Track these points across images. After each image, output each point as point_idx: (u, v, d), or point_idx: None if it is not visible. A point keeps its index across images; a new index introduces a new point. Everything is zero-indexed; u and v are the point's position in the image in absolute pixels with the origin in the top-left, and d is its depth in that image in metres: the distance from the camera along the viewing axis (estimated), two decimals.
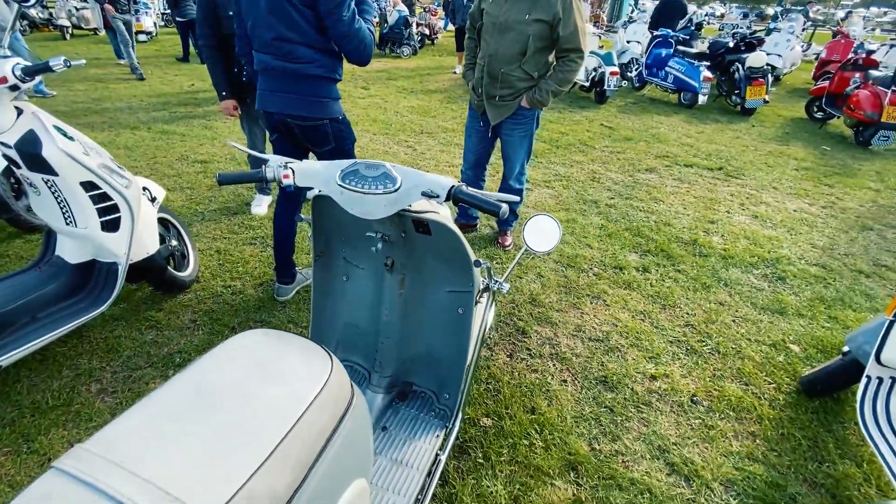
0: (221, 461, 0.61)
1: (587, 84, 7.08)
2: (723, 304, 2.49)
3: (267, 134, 2.46)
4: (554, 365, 2.03)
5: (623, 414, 1.80)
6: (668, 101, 7.35)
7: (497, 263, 2.76)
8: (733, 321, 2.36)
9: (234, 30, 1.99)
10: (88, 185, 1.71)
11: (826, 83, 6.31)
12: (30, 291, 1.78)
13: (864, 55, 6.15)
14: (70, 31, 11.04)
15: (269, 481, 0.62)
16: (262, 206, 3.16)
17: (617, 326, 2.27)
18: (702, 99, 6.60)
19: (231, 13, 2.23)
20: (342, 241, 1.43)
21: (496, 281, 1.35)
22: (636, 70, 7.93)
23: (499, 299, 2.41)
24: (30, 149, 1.57)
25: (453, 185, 1.03)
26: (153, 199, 2.15)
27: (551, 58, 2.34)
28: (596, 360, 2.06)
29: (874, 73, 5.76)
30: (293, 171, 1.11)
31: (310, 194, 1.22)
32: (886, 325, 1.43)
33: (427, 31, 12.15)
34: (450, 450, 1.38)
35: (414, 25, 11.05)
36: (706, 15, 9.49)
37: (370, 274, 1.45)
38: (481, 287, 1.33)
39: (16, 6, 1.51)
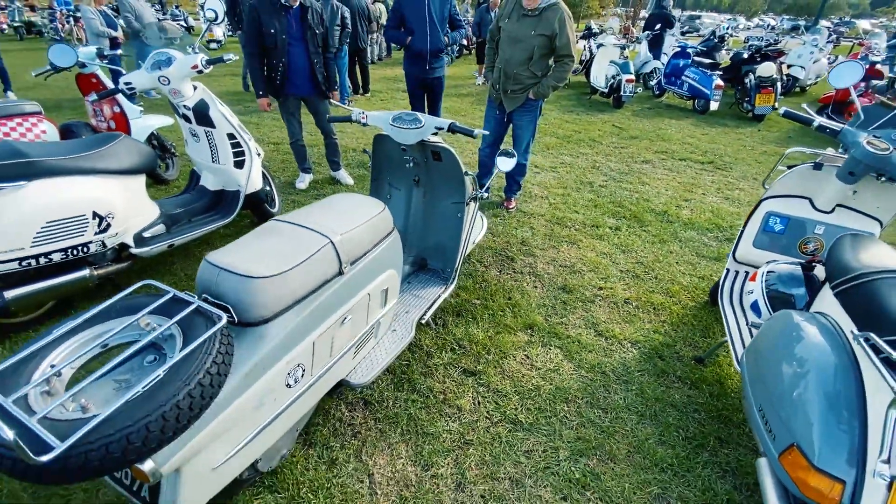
0: (317, 232, 1.50)
1: (606, 90, 7.80)
2: (672, 252, 3.21)
3: (301, 123, 3.65)
4: (530, 278, 2.84)
5: (572, 305, 2.59)
6: (684, 107, 7.93)
7: (500, 220, 3.59)
8: (676, 263, 3.09)
9: (272, 43, 3.09)
10: (230, 136, 2.70)
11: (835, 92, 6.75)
12: (187, 205, 2.78)
13: (868, 66, 6.56)
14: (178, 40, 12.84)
15: (349, 245, 1.49)
16: (304, 182, 4.07)
17: (583, 260, 3.05)
18: (713, 105, 7.17)
19: (272, 30, 3.10)
20: (389, 170, 2.32)
21: (479, 191, 2.20)
22: (656, 79, 8.56)
23: (498, 238, 3.24)
24: (201, 109, 2.57)
25: (451, 122, 1.90)
26: (259, 154, 3.13)
27: (551, 62, 3.12)
28: (561, 277, 2.85)
29: (876, 82, 6.20)
30: (367, 116, 2.01)
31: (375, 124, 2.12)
32: (739, 232, 2.16)
33: (465, 42, 13.14)
34: (446, 296, 2.23)
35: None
36: (728, 27, 9.93)
37: (404, 192, 2.34)
38: (470, 195, 2.18)
39: (207, 23, 2.52)
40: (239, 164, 2.78)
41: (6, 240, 1.87)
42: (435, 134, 2.00)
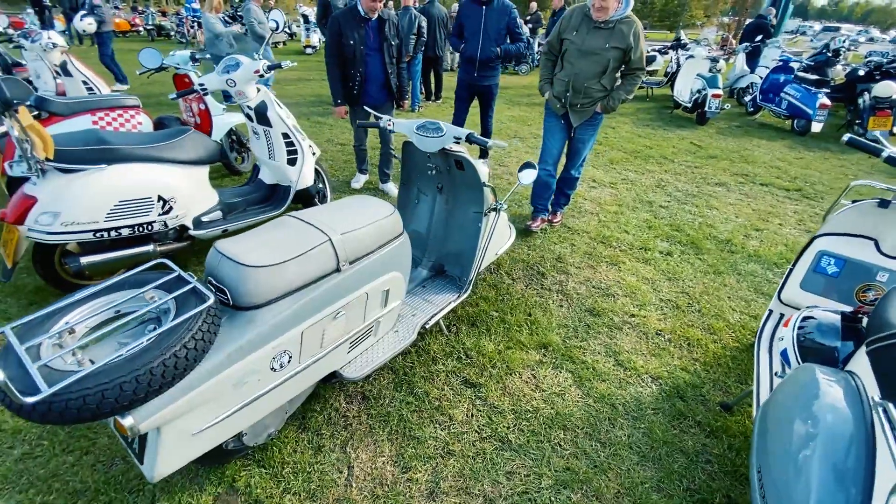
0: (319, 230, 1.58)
1: (689, 105, 7.26)
2: (726, 286, 2.92)
3: (367, 131, 3.91)
4: (558, 296, 2.74)
5: (596, 330, 2.46)
6: (781, 127, 7.15)
7: (541, 233, 3.50)
8: (728, 297, 2.80)
9: (351, 53, 3.25)
10: (284, 136, 2.93)
11: None
12: (244, 195, 3.07)
13: None
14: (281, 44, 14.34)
15: (349, 244, 1.56)
16: (360, 182, 4.26)
17: (620, 283, 2.88)
18: (816, 126, 6.37)
19: (351, 42, 3.24)
20: (417, 176, 2.38)
21: (499, 203, 2.18)
22: (751, 95, 7.80)
23: (533, 251, 3.17)
24: (261, 110, 2.82)
25: (469, 133, 1.91)
26: (314, 154, 3.36)
27: (618, 74, 2.99)
28: (591, 299, 2.72)
29: None
30: (393, 123, 2.09)
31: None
32: (787, 271, 1.91)
33: None
34: (456, 304, 2.24)
35: (536, 45, 11.95)
36: (844, 41, 8.73)
37: (430, 199, 2.38)
38: (489, 206, 2.17)
39: (270, 32, 2.78)
40: (291, 162, 3.01)
41: (85, 213, 2.21)
42: (457, 143, 2.02)
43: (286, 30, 15.72)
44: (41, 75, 4.80)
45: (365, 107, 2.95)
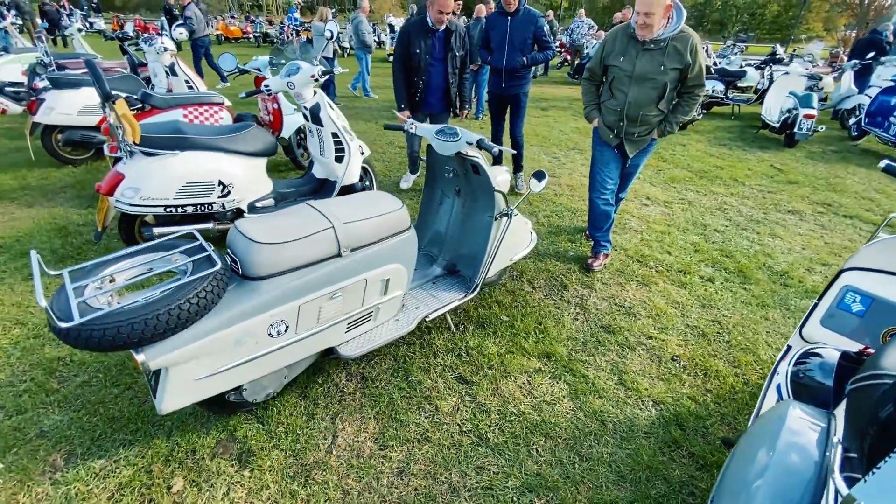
0: (320, 219, 1.75)
1: (777, 125, 6.64)
2: (767, 320, 2.69)
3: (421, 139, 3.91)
4: (575, 309, 2.71)
5: (606, 347, 2.40)
6: (890, 154, 6.29)
7: (573, 245, 3.45)
8: (766, 332, 2.58)
9: (416, 62, 3.42)
10: (333, 135, 3.20)
11: None
12: (296, 187, 3.39)
13: None
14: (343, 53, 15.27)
15: (351, 233, 1.71)
16: (409, 182, 4.44)
17: (646, 304, 2.77)
18: None
19: (417, 50, 3.43)
20: (440, 178, 2.50)
21: (510, 208, 2.23)
22: (857, 117, 6.95)
23: (560, 262, 3.15)
24: (315, 111, 3.12)
25: (480, 138, 1.99)
26: (363, 153, 3.62)
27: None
28: (611, 316, 2.65)
29: None
30: (416, 126, 2.23)
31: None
32: (812, 304, 1.75)
33: None
34: (461, 303, 2.32)
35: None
36: None
37: (450, 201, 2.49)
38: (500, 211, 2.23)
39: (326, 40, 3.07)
40: (339, 159, 3.28)
41: (159, 191, 2.61)
42: (471, 146, 2.11)
43: (377, 38, 16.69)
44: (157, 74, 5.62)
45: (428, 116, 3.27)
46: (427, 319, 2.17)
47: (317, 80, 3.01)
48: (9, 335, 2.28)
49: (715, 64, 9.28)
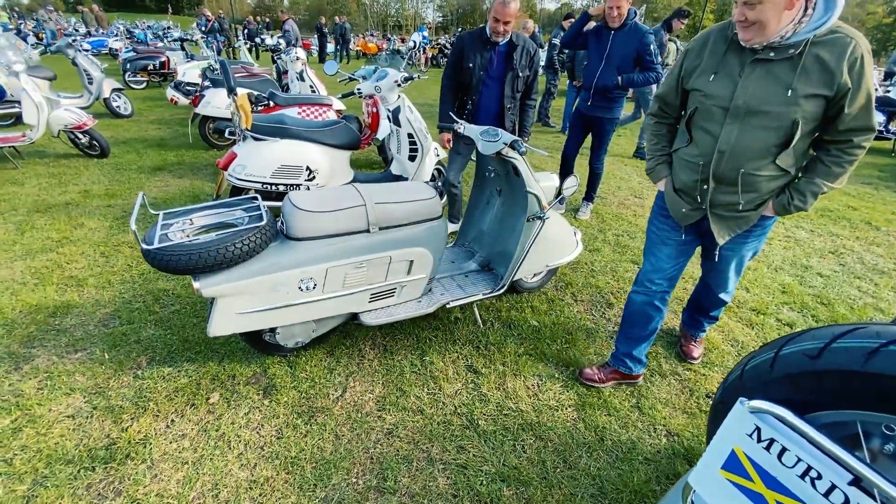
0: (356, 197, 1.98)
1: None
2: None
3: (463, 168, 3.26)
4: (614, 328, 2.60)
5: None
6: None
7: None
8: None
9: (468, 78, 2.91)
10: (409, 136, 3.52)
11: None
12: (373, 180, 3.78)
13: None
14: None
15: (380, 213, 1.93)
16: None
17: None
18: None
19: (470, 65, 2.88)
20: (488, 177, 2.63)
21: (543, 212, 2.26)
22: None
23: (614, 280, 3.03)
24: (395, 113, 3.46)
25: (514, 139, 2.09)
26: (438, 155, 3.88)
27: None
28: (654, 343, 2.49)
29: None
30: (464, 127, 2.40)
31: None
32: None
33: None
34: (484, 298, 2.40)
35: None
36: None
37: (493, 201, 2.60)
38: (533, 213, 2.27)
39: (409, 50, 3.39)
40: (411, 158, 3.58)
41: (259, 169, 3.15)
42: (511, 148, 2.20)
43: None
44: (293, 80, 6.63)
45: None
46: (448, 306, 2.30)
47: (399, 85, 3.35)
48: (137, 268, 2.95)
49: (875, 90, 7.85)
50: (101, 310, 2.53)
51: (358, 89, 3.50)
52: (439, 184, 4.02)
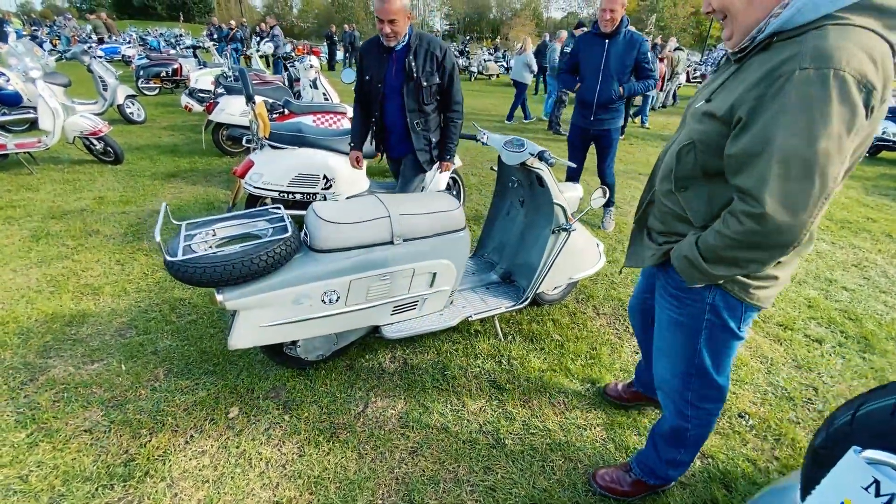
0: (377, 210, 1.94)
1: None
2: None
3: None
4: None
5: None
6: None
7: None
8: None
9: (368, 93, 2.52)
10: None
11: None
12: (389, 188, 3.73)
13: None
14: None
15: (405, 225, 1.89)
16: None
17: None
18: None
19: (367, 76, 2.48)
20: (510, 188, 2.58)
21: (569, 224, 2.21)
22: None
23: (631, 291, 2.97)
24: None
25: (541, 150, 2.04)
26: (455, 164, 3.84)
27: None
28: None
29: None
30: (487, 137, 2.36)
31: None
32: None
33: None
34: (506, 311, 2.35)
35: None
36: None
37: (515, 212, 2.56)
38: (559, 225, 2.22)
39: None
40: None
41: (277, 178, 3.12)
42: (539, 159, 2.16)
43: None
44: (306, 87, 6.64)
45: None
46: (470, 320, 2.25)
47: None
48: (153, 276, 2.92)
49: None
50: (117, 319, 2.50)
51: None
52: (454, 192, 3.99)
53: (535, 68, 8.60)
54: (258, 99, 3.04)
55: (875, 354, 2.53)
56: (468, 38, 33.46)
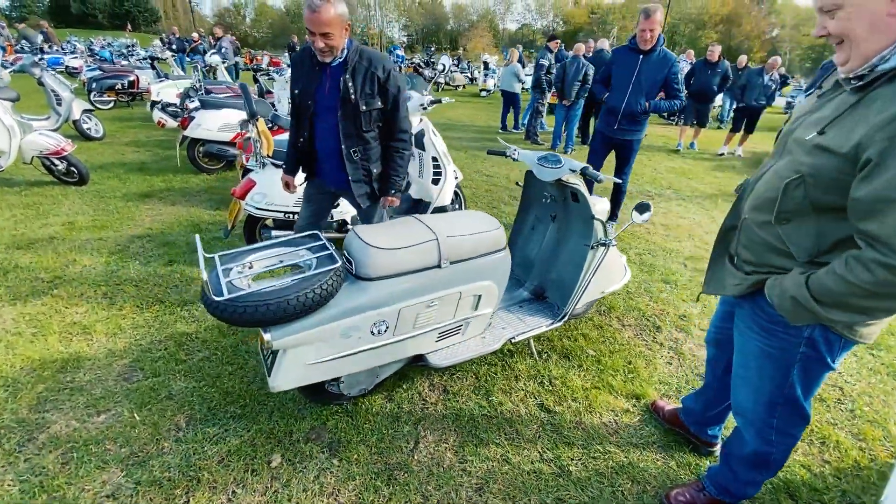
0: (417, 234, 1.85)
1: None
2: None
3: (320, 218, 2.45)
4: (669, 353, 2.55)
5: None
6: None
7: (668, 287, 3.27)
8: None
9: (298, 111, 2.14)
10: (433, 159, 3.41)
11: None
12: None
13: None
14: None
15: (452, 247, 1.80)
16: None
17: None
18: None
19: (296, 91, 2.11)
20: (536, 204, 2.55)
21: (608, 239, 2.20)
22: None
23: (654, 303, 3.00)
24: (420, 137, 3.35)
25: (584, 166, 2.02)
26: (456, 178, 3.79)
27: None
28: None
29: None
30: (518, 153, 2.32)
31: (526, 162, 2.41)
32: None
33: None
34: (548, 330, 2.30)
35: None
36: None
37: (543, 227, 2.52)
38: (597, 240, 2.21)
39: (438, 72, 3.31)
40: (435, 181, 3.47)
41: (282, 198, 2.94)
42: (574, 173, 2.14)
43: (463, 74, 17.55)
44: (281, 100, 6.40)
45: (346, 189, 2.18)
46: (512, 342, 2.18)
47: (425, 109, 3.25)
48: (150, 309, 2.67)
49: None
50: (117, 361, 2.25)
51: None
52: (456, 206, 3.92)
53: (524, 79, 8.70)
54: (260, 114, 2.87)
55: (882, 350, 2.66)
56: (433, 48, 33.66)
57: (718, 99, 9.62)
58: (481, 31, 56.17)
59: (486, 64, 16.31)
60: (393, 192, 2.27)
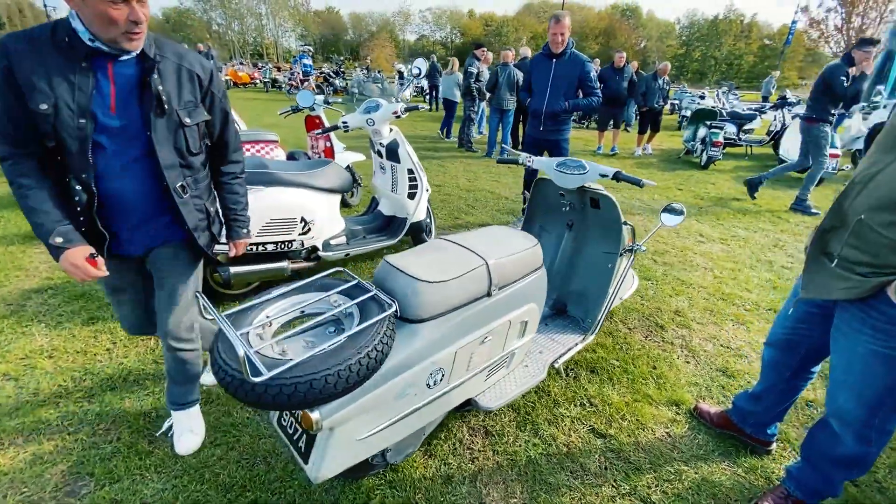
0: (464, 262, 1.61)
1: (798, 166, 6.79)
2: None
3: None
4: (682, 351, 2.54)
5: (733, 392, 2.23)
6: None
7: (651, 284, 3.33)
8: None
9: (56, 141, 1.22)
10: (409, 171, 3.12)
11: None
12: (366, 224, 3.27)
13: None
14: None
15: (501, 271, 1.57)
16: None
17: (752, 345, 2.62)
18: None
19: (43, 105, 1.16)
20: (544, 212, 2.40)
21: (637, 244, 2.12)
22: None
23: (647, 302, 3.01)
24: (392, 147, 3.04)
25: (617, 171, 1.91)
26: (427, 190, 3.53)
27: None
28: (722, 358, 2.49)
29: None
30: (533, 160, 2.15)
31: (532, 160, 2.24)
32: None
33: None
34: (582, 346, 2.15)
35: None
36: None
37: (554, 236, 2.38)
38: (625, 247, 2.11)
39: (412, 78, 3.05)
40: (411, 196, 3.18)
41: None
42: (605, 178, 2.02)
43: (380, 84, 17.19)
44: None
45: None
46: (556, 366, 1.99)
47: (399, 117, 2.96)
48: (80, 387, 2.04)
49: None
50: (51, 469, 1.64)
51: (343, 122, 3.00)
52: (428, 220, 3.66)
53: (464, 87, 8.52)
54: None
55: None
56: (342, 58, 32.63)
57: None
58: (382, 42, 56.06)
59: (400, 74, 16.13)
60: (246, 231, 1.71)
